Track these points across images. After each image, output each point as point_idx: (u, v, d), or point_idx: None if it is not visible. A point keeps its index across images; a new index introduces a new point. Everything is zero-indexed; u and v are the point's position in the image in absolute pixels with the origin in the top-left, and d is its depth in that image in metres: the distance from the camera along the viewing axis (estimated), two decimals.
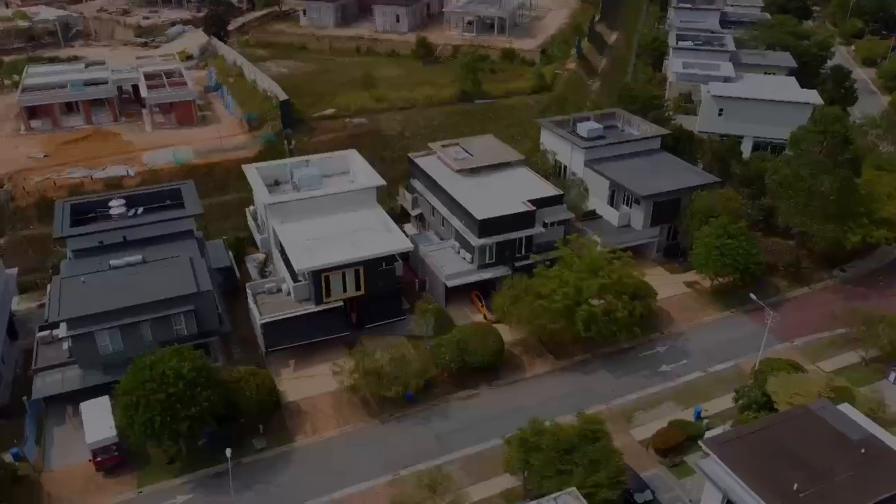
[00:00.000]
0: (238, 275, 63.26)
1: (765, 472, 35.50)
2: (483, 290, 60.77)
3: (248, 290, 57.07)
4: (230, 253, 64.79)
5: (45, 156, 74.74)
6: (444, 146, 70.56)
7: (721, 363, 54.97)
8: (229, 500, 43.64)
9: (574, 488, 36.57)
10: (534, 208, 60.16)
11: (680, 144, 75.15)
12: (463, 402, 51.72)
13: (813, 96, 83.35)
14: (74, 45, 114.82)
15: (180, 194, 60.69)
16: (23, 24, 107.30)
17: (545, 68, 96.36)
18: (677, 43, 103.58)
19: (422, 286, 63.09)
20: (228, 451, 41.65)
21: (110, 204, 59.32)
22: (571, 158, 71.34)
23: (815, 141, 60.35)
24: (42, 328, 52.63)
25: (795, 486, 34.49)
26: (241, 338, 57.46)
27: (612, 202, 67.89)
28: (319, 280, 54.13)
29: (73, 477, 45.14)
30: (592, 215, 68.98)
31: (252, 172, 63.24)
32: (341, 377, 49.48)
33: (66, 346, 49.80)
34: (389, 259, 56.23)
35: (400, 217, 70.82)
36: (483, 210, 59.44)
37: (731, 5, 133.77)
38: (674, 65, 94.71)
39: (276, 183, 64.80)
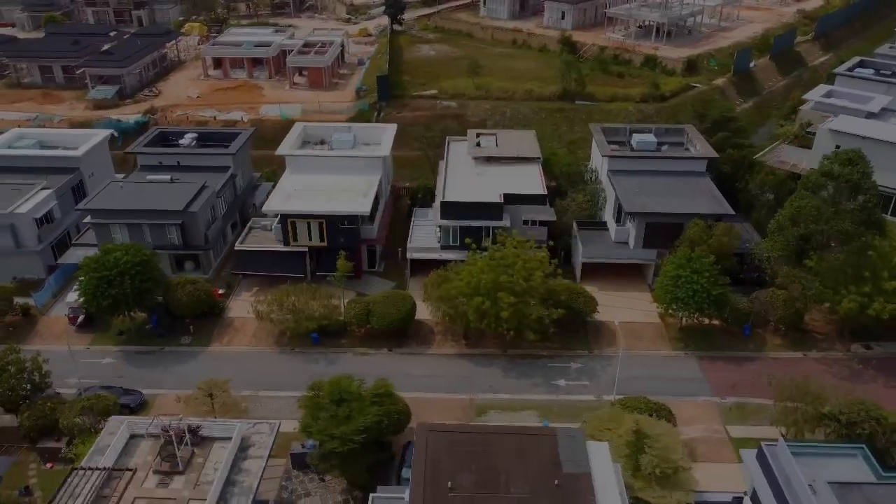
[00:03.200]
0: None
1: (439, 466, 35.56)
2: None
3: (249, 223, 67.41)
4: None
5: (197, 97, 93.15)
6: (479, 134, 73.36)
7: (622, 395, 51.41)
8: (136, 370, 54.75)
9: (278, 421, 40.30)
10: (501, 201, 61.09)
11: (739, 171, 68.14)
12: (357, 357, 56.15)
13: None
14: (301, 16, 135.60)
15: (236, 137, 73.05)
16: None
17: (666, 79, 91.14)
18: (854, 70, 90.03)
19: (403, 254, 67.52)
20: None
21: (185, 136, 73.83)
22: (602, 165, 69.17)
23: (821, 183, 51.76)
24: None
25: (449, 483, 34.39)
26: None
27: (618, 216, 64.93)
28: (286, 224, 62.20)
29: (57, 324, 59.76)
30: (600, 225, 66.61)
31: (297, 128, 73.07)
32: (256, 306, 57.12)
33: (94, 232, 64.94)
34: (352, 218, 62.06)
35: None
36: (454, 194, 62.16)
37: None
38: (815, 92, 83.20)
39: (322, 142, 73.86)
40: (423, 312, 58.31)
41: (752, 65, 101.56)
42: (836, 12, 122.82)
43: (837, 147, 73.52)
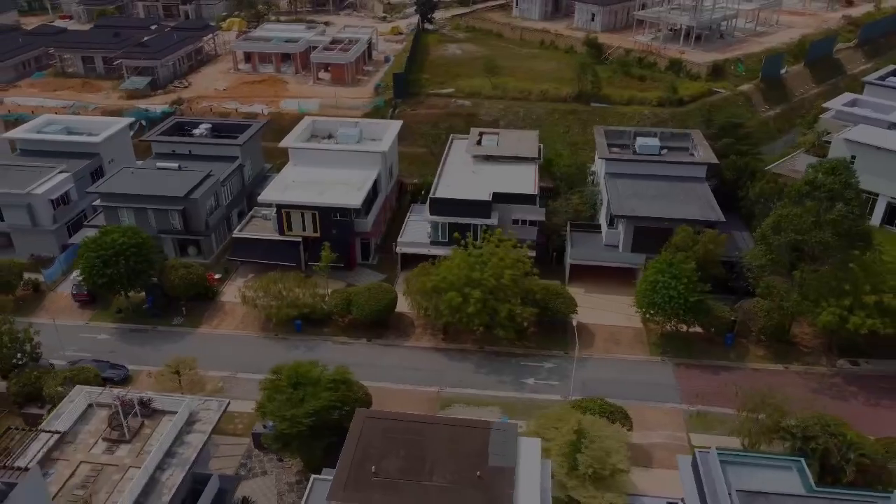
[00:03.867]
0: None
1: (369, 451, 36.52)
2: None
3: (251, 212, 69.65)
4: None
5: (224, 89, 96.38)
6: (482, 133, 73.89)
7: (583, 396, 51.26)
8: (128, 347, 57.48)
9: (227, 399, 41.89)
10: (489, 199, 61.57)
11: (741, 179, 66.87)
12: (336, 345, 57.55)
13: None
14: (340, 13, 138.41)
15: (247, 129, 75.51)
16: None
17: (687, 83, 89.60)
18: (887, 79, 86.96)
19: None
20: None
21: (199, 126, 76.69)
22: (601, 168, 68.82)
23: (804, 192, 50.44)
24: None
25: (373, 468, 35.34)
26: None
27: (610, 218, 64.53)
28: (281, 214, 64.10)
29: (62, 300, 63.16)
30: (594, 227, 66.33)
31: (305, 122, 75.01)
32: (244, 291, 59.07)
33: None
34: (343, 211, 63.48)
35: None
36: (445, 191, 62.97)
37: None
38: (837, 100, 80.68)
39: (330, 136, 75.63)
40: (408, 306, 59.25)
41: (783, 71, 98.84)
42: (885, 19, 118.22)
43: (853, 159, 71.96)
